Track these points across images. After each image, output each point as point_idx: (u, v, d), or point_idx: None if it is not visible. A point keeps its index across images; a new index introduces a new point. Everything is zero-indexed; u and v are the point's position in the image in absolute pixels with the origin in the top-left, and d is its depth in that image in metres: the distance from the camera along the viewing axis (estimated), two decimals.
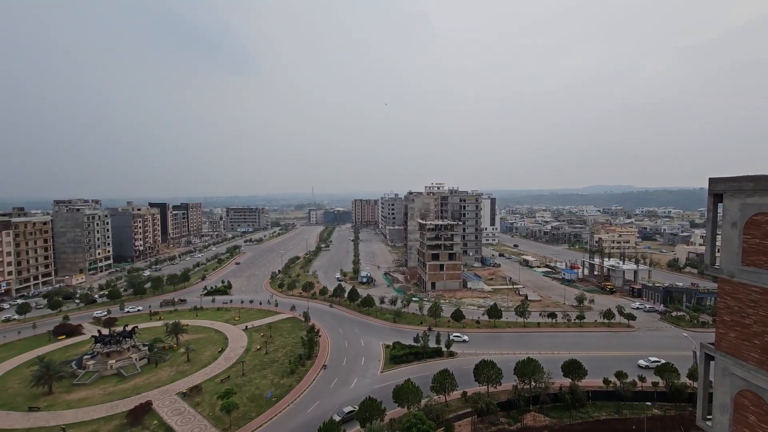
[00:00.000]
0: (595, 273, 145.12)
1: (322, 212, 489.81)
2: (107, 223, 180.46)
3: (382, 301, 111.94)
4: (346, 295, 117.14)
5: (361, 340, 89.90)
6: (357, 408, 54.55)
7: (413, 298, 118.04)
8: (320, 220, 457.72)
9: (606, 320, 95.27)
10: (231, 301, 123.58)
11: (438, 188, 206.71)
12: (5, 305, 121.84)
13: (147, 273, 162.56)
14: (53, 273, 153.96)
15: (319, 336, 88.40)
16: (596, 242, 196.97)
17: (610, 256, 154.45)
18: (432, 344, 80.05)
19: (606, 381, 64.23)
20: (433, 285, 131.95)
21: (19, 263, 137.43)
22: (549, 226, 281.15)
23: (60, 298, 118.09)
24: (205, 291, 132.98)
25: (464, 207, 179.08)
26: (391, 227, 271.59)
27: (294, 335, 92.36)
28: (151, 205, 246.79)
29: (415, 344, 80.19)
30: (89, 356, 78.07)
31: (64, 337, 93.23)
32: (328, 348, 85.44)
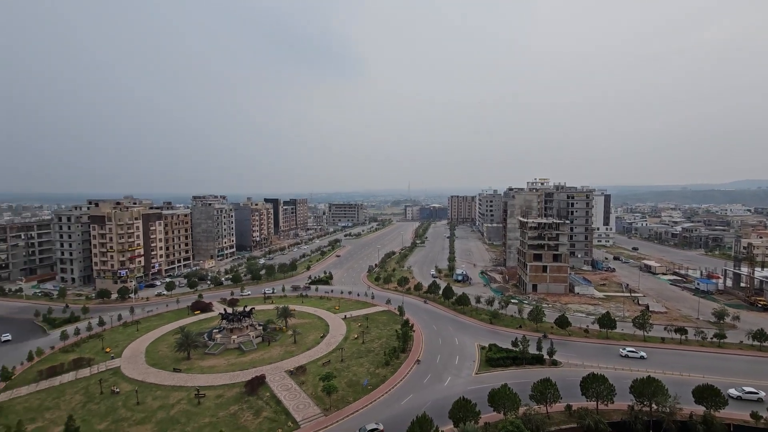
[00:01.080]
0: (742, 285, 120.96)
1: (418, 208, 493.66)
2: (232, 216, 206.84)
3: (478, 301, 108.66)
4: (440, 292, 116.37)
5: (455, 338, 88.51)
6: (382, 427, 54.42)
7: (512, 300, 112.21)
8: (416, 216, 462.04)
9: (756, 342, 78.84)
10: (332, 291, 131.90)
11: (542, 184, 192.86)
12: (157, 282, 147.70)
13: (262, 261, 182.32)
14: (191, 257, 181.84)
15: (413, 331, 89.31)
16: (744, 248, 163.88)
17: (763, 265, 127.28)
18: (532, 350, 75.11)
19: (755, 415, 53.03)
20: (535, 287, 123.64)
21: (167, 248, 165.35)
22: (679, 228, 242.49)
23: (196, 279, 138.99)
24: (310, 280, 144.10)
25: (572, 204, 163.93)
26: (489, 225, 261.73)
27: (389, 328, 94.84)
28: (266, 200, 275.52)
29: (514, 348, 76.08)
30: (217, 330, 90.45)
31: (198, 312, 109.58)
32: (422, 343, 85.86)
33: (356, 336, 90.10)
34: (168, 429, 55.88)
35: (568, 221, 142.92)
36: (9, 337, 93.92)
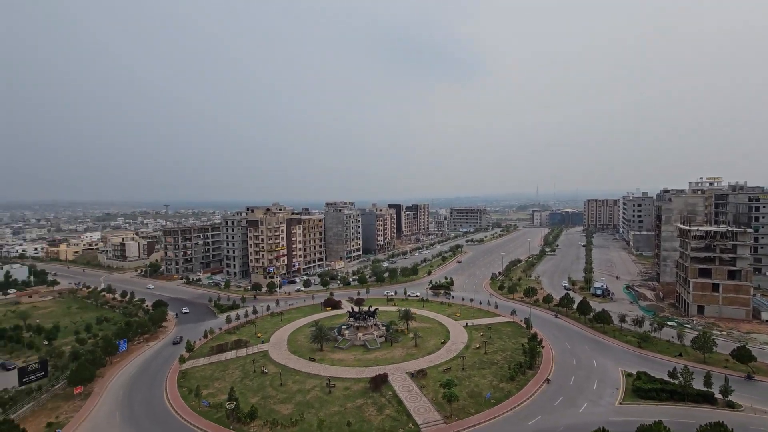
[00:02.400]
0: None
1: (548, 213, 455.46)
2: (359, 221, 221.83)
3: (622, 320, 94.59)
4: (575, 306, 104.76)
5: (593, 360, 78.44)
6: None
7: (668, 322, 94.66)
8: (545, 222, 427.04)
9: None
10: (453, 297, 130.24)
11: (710, 184, 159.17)
12: (296, 280, 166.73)
13: (385, 264, 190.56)
14: (324, 258, 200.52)
15: (542, 346, 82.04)
16: None
17: None
18: (697, 385, 61.76)
19: None
20: (701, 309, 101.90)
21: (305, 249, 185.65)
22: None
23: (328, 279, 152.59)
24: (431, 285, 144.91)
25: (756, 209, 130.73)
26: (637, 232, 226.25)
27: (514, 340, 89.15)
28: (390, 206, 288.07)
29: (671, 380, 63.69)
30: (345, 327, 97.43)
31: (329, 308, 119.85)
32: (552, 361, 78.33)
33: (478, 346, 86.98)
34: (304, 411, 62.07)
35: (750, 229, 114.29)
36: (187, 311, 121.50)
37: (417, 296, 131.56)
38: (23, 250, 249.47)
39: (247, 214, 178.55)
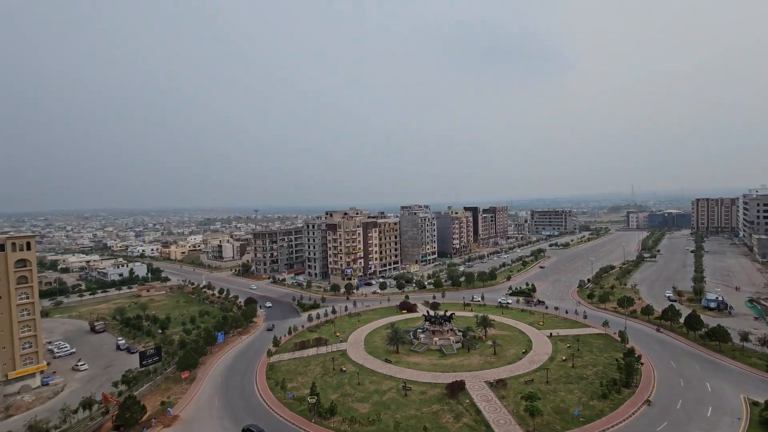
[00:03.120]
0: None
1: (646, 215, 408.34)
2: (434, 224, 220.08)
3: (744, 338, 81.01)
4: (681, 319, 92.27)
5: (706, 383, 68.23)
6: None
7: None
8: (642, 224, 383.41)
9: None
10: (535, 304, 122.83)
11: None
12: (373, 282, 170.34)
13: (461, 268, 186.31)
14: (399, 261, 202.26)
15: (641, 363, 73.42)
16: None
17: None
18: None
19: None
20: None
21: (380, 252, 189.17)
22: None
23: (403, 281, 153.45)
24: (510, 291, 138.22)
25: None
26: (763, 236, 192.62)
27: (606, 355, 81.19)
28: (466, 209, 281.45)
29: None
30: (421, 330, 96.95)
31: (405, 311, 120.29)
32: (654, 381, 69.72)
33: (564, 358, 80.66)
34: (381, 411, 62.87)
35: None
36: (270, 305, 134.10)
37: (495, 302, 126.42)
38: (143, 251, 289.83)
39: (326, 218, 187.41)
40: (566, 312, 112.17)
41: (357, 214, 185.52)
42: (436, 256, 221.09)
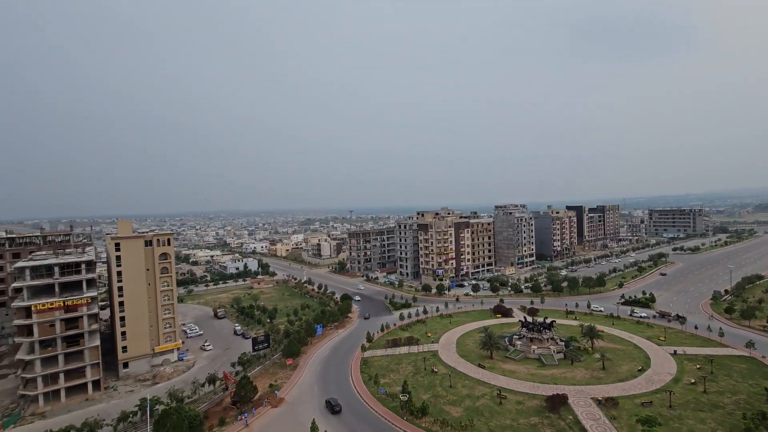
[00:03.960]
0: None
1: None
2: (531, 224, 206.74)
3: None
4: None
5: None
6: None
7: None
8: None
9: None
10: (654, 316, 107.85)
11: None
12: (465, 283, 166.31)
13: (563, 273, 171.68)
14: (493, 263, 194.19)
15: None
16: None
17: None
18: None
19: None
20: None
21: (473, 253, 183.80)
22: None
23: (498, 284, 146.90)
24: (623, 300, 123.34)
25: None
26: None
27: (751, 381, 67.78)
28: (569, 208, 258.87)
29: None
30: (517, 337, 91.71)
31: (499, 315, 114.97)
32: None
33: (693, 381, 69.22)
34: (474, 417, 60.91)
35: None
36: (359, 299, 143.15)
37: (604, 311, 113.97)
38: (254, 248, 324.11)
39: (417, 218, 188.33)
40: (695, 327, 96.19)
41: (448, 214, 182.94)
42: (534, 258, 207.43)
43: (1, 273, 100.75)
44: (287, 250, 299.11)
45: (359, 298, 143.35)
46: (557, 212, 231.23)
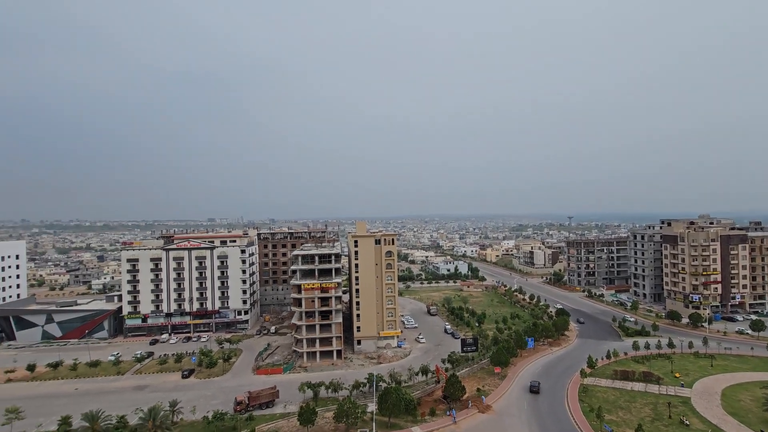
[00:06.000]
0: None
1: None
2: None
3: None
4: None
5: None
6: None
7: None
8: None
9: None
10: None
11: None
12: (738, 318, 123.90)
13: None
14: None
15: None
16: None
17: None
18: None
19: None
20: None
21: (753, 278, 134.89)
22: None
23: None
24: None
25: None
26: None
27: None
28: None
29: None
30: None
31: None
32: None
33: None
34: None
35: None
36: (583, 321, 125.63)
37: None
38: (465, 251, 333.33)
39: (661, 228, 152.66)
40: None
41: (711, 223, 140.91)
42: None
43: (284, 258, 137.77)
44: (497, 255, 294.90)
45: (583, 321, 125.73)
46: None
